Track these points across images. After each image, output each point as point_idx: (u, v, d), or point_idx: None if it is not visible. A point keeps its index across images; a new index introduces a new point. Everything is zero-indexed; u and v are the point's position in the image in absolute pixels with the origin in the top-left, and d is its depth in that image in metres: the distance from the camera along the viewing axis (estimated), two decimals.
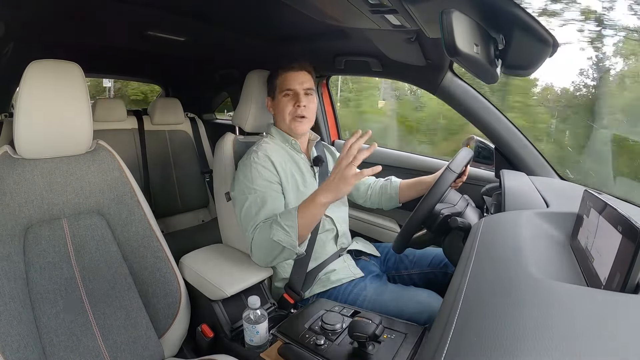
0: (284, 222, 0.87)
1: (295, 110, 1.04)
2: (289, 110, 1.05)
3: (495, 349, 0.30)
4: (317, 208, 0.87)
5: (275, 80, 1.07)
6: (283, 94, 1.05)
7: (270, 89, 1.10)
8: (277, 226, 0.88)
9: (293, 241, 0.87)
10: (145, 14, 1.16)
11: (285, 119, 1.06)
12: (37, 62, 0.77)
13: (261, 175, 0.97)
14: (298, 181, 1.05)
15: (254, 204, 0.94)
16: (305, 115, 1.05)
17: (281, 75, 1.06)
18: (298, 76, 1.05)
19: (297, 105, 1.04)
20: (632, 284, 0.35)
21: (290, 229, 0.87)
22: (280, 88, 1.06)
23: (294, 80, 1.05)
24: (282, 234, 0.87)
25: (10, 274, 0.71)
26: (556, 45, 0.67)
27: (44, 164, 0.81)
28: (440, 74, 1.16)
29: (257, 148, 1.03)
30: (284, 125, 1.08)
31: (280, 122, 1.09)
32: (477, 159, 1.25)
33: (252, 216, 0.94)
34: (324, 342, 0.71)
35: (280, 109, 1.06)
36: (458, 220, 0.80)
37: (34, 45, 1.33)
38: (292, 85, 1.04)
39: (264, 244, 0.90)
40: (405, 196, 1.19)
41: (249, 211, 0.94)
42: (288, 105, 1.05)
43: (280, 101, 1.06)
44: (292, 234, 0.87)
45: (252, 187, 0.96)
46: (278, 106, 1.07)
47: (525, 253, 0.47)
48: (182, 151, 2.06)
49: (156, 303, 0.88)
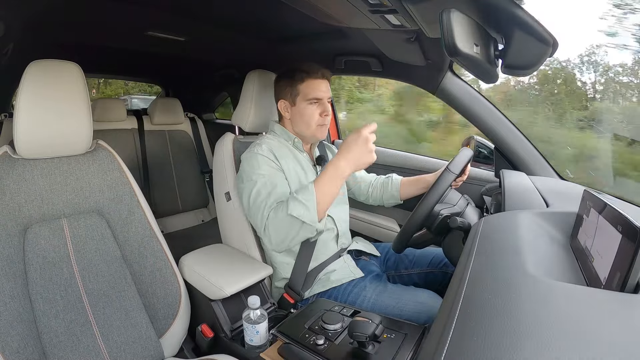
0: (302, 197, 0.85)
1: (321, 120, 1.04)
2: (315, 118, 1.03)
3: (495, 349, 0.30)
4: (337, 180, 0.85)
5: (297, 85, 1.03)
6: (309, 101, 1.02)
7: (289, 93, 1.05)
8: (294, 202, 0.85)
9: (313, 216, 0.84)
10: (145, 14, 1.15)
11: (310, 127, 1.04)
12: (37, 62, 0.77)
13: (267, 163, 0.97)
14: (300, 176, 1.04)
15: (263, 187, 0.93)
16: (327, 123, 1.06)
17: (306, 81, 1.02)
18: (323, 85, 1.04)
19: (325, 114, 1.04)
20: (632, 284, 0.35)
21: (309, 203, 0.84)
22: (305, 95, 1.02)
23: (320, 89, 1.03)
24: (301, 208, 0.84)
25: (10, 273, 0.71)
26: (556, 45, 0.67)
27: (43, 164, 0.81)
28: (440, 74, 1.16)
29: (261, 142, 1.03)
30: (306, 133, 1.06)
31: (301, 129, 1.06)
32: (477, 159, 1.25)
33: (263, 197, 0.91)
34: (324, 342, 0.71)
35: (306, 116, 1.03)
36: (458, 220, 0.80)
37: (34, 45, 1.33)
38: (319, 95, 1.02)
39: (281, 223, 0.87)
40: (406, 193, 1.19)
41: (260, 195, 0.92)
42: (315, 113, 1.03)
43: (306, 108, 1.03)
44: (311, 208, 0.84)
45: (260, 173, 0.95)
46: (301, 113, 1.04)
47: (525, 253, 0.47)
48: (182, 151, 2.06)
49: (156, 303, 0.88)
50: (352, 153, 0.83)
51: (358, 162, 0.84)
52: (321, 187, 0.85)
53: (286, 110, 1.07)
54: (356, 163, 0.84)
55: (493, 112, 1.14)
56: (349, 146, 0.83)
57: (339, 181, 0.86)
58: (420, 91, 1.27)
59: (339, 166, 0.84)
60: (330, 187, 0.86)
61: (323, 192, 0.85)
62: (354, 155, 0.83)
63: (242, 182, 0.98)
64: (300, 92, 1.03)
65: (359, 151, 0.83)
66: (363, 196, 1.27)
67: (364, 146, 0.82)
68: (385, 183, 1.23)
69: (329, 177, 0.85)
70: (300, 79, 1.03)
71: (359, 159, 0.83)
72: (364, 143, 0.82)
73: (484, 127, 1.15)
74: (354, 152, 0.83)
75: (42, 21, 1.13)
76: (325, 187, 0.85)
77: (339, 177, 0.85)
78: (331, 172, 0.85)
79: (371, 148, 0.83)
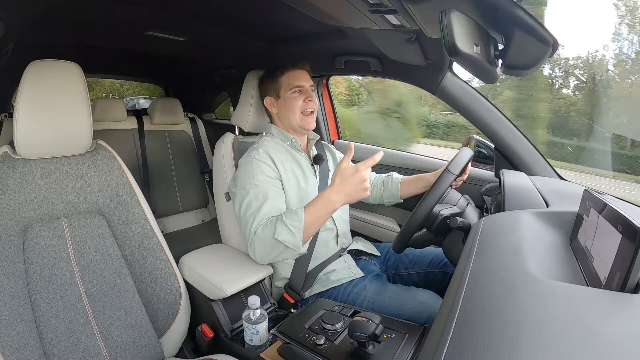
0: (290, 221, 0.86)
1: (305, 105, 1.06)
2: (299, 105, 1.06)
3: (495, 349, 0.30)
4: (327, 210, 0.87)
5: (279, 79, 1.07)
6: (292, 90, 1.05)
7: (272, 89, 1.09)
8: (281, 225, 0.87)
9: (297, 242, 0.87)
10: (145, 14, 1.15)
11: (295, 115, 1.06)
12: (37, 62, 0.77)
13: (262, 172, 0.98)
14: (299, 178, 1.05)
15: (255, 198, 0.94)
16: (314, 110, 1.08)
17: (286, 73, 1.06)
18: (303, 74, 1.08)
19: (309, 99, 1.06)
20: (632, 284, 0.35)
21: (295, 230, 0.86)
22: (288, 85, 1.06)
23: (301, 78, 1.07)
24: (286, 233, 0.86)
25: (10, 273, 0.71)
26: (556, 45, 0.67)
27: (43, 164, 0.81)
28: (440, 74, 1.15)
29: (258, 145, 1.04)
30: (293, 122, 1.08)
31: (289, 119, 1.08)
32: (477, 159, 1.25)
33: (253, 211, 0.93)
34: (324, 342, 0.71)
35: (290, 105, 1.06)
36: (458, 220, 0.80)
37: (34, 45, 1.33)
38: (300, 82, 1.06)
39: (266, 241, 0.89)
40: (406, 192, 1.19)
41: (250, 206, 0.94)
42: (298, 100, 1.06)
43: (290, 98, 1.06)
44: (297, 234, 0.86)
45: (253, 183, 0.96)
46: (286, 103, 1.07)
47: (525, 253, 0.47)
48: (182, 151, 2.06)
49: (156, 303, 0.88)
50: (347, 189, 0.83)
51: (351, 198, 0.85)
52: (310, 213, 0.87)
53: (273, 106, 1.10)
54: (348, 198, 0.85)
55: (493, 112, 1.14)
56: (346, 180, 0.83)
57: (329, 212, 0.87)
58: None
59: (331, 199, 0.85)
60: (318, 216, 0.87)
61: (312, 218, 0.87)
62: (347, 190, 0.84)
63: (234, 187, 0.99)
64: (283, 84, 1.07)
65: (353, 188, 0.83)
66: None
67: (360, 184, 0.82)
68: (385, 182, 1.23)
69: (320, 207, 0.87)
70: (280, 72, 1.07)
71: (352, 195, 0.84)
72: (360, 181, 0.82)
73: (484, 127, 1.15)
74: (349, 188, 0.83)
75: (42, 21, 1.13)
76: (314, 214, 0.87)
77: (329, 209, 0.86)
78: (323, 202, 0.86)
79: (366, 186, 0.83)
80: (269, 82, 1.09)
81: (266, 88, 1.11)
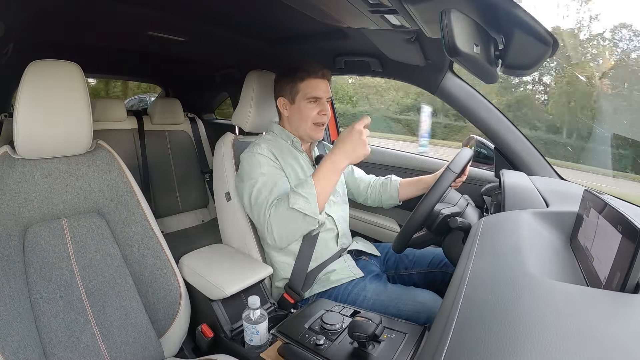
0: (302, 190, 0.87)
1: (319, 117, 1.05)
2: (312, 116, 1.04)
3: (495, 349, 0.30)
4: (334, 172, 0.88)
5: (298, 84, 1.03)
6: (308, 100, 1.03)
7: (288, 91, 1.05)
8: (294, 195, 0.87)
9: (314, 208, 0.87)
10: (145, 14, 1.15)
11: (307, 125, 1.05)
12: (37, 62, 0.77)
13: (267, 162, 0.99)
14: (300, 175, 1.05)
15: (264, 185, 0.94)
16: (325, 123, 1.07)
17: (306, 80, 1.03)
18: (323, 84, 1.05)
19: (323, 113, 1.04)
20: (632, 284, 0.35)
21: (310, 196, 0.87)
22: (305, 93, 1.03)
23: (320, 88, 1.04)
24: (302, 201, 0.86)
25: (10, 273, 0.71)
26: (556, 45, 0.67)
27: (43, 164, 0.81)
28: (440, 74, 1.16)
29: (260, 141, 1.04)
30: (302, 130, 1.07)
31: (299, 126, 1.07)
32: (477, 159, 1.25)
33: (265, 196, 0.93)
34: (324, 342, 0.71)
35: (304, 114, 1.04)
36: (458, 220, 0.80)
37: (34, 45, 1.33)
38: (318, 94, 1.03)
39: (283, 218, 0.88)
40: (405, 194, 1.19)
41: (261, 192, 0.94)
42: (313, 111, 1.04)
43: (304, 107, 1.04)
44: (311, 200, 0.87)
45: (260, 172, 0.96)
46: (300, 111, 1.05)
47: (525, 253, 0.47)
48: (182, 151, 2.06)
49: (156, 303, 0.88)
50: (347, 146, 0.87)
51: (353, 155, 0.87)
52: (319, 180, 0.88)
53: (285, 108, 1.08)
54: (351, 155, 0.87)
55: (493, 112, 1.14)
56: (344, 140, 0.87)
57: (336, 174, 0.89)
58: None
59: (335, 159, 0.87)
60: (327, 180, 0.89)
61: (321, 185, 0.88)
62: (348, 148, 0.86)
63: (242, 182, 0.99)
64: (300, 91, 1.04)
65: (353, 144, 0.86)
66: (362, 197, 1.27)
67: (358, 139, 0.86)
68: (384, 184, 1.23)
69: (326, 171, 0.88)
70: (300, 77, 1.03)
71: (353, 151, 0.86)
72: (357, 136, 0.86)
73: (484, 127, 1.15)
74: (349, 145, 0.86)
75: (42, 21, 1.13)
76: (323, 180, 0.88)
77: (335, 170, 0.88)
78: (328, 165, 0.88)
79: (365, 141, 0.86)
80: (287, 83, 1.06)
81: (282, 88, 1.07)
